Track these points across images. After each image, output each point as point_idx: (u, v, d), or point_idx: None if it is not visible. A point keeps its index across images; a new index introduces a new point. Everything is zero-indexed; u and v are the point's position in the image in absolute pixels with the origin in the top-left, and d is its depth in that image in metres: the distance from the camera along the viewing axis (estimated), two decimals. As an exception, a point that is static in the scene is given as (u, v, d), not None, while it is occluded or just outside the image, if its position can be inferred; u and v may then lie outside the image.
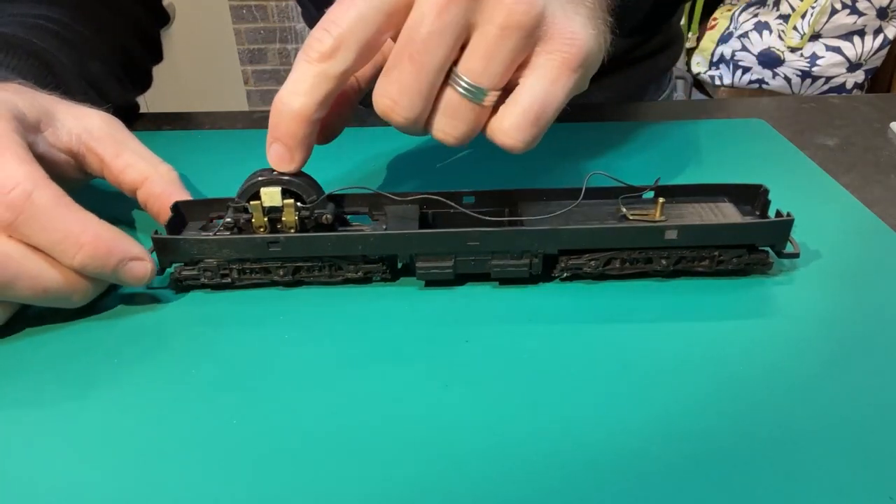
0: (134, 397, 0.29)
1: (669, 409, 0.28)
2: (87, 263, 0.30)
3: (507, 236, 0.33)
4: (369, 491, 0.24)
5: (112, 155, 0.37)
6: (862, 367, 0.30)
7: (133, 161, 0.37)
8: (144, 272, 0.32)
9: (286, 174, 0.33)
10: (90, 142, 0.36)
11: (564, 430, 0.27)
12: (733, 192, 0.36)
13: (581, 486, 0.24)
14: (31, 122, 0.34)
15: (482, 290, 0.35)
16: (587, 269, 0.34)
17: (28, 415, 0.28)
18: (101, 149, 0.36)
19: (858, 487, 0.24)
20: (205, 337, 0.32)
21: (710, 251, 0.34)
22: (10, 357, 0.31)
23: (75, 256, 0.30)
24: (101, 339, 0.32)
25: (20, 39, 0.43)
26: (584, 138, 0.52)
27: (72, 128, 0.36)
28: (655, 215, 0.34)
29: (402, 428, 0.27)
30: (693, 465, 0.25)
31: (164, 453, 0.26)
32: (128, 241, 0.32)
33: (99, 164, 0.37)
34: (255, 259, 0.34)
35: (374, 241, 0.33)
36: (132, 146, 0.37)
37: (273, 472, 0.25)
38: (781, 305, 0.33)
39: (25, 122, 0.33)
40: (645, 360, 0.30)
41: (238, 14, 2.16)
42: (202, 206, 0.35)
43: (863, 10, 1.54)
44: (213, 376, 0.30)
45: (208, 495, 0.24)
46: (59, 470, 0.25)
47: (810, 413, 0.27)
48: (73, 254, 0.30)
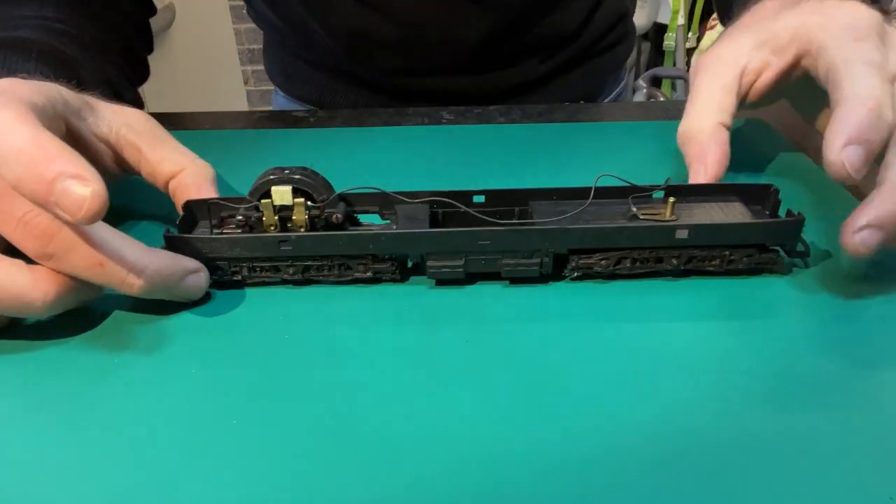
0: (136, 395, 0.29)
1: (678, 409, 0.28)
2: (21, 176, 0.27)
3: (518, 235, 0.33)
4: (370, 489, 0.24)
5: (150, 147, 0.37)
6: (868, 367, 0.30)
7: (169, 154, 0.37)
8: (82, 197, 0.27)
9: (297, 173, 0.33)
10: (129, 135, 0.37)
11: (571, 429, 0.27)
12: (743, 191, 0.36)
13: (588, 485, 0.24)
14: (75, 107, 0.35)
15: (492, 289, 0.35)
16: (598, 268, 0.34)
17: (28, 415, 0.28)
18: (139, 141, 0.37)
19: (858, 487, 0.24)
20: (211, 334, 0.32)
21: (721, 251, 0.34)
22: (9, 356, 0.31)
23: (12, 172, 0.27)
24: (103, 337, 0.32)
25: (44, 45, 0.42)
26: (588, 138, 0.52)
27: (111, 121, 0.37)
28: (666, 215, 0.34)
29: (409, 427, 0.27)
30: (698, 464, 0.25)
31: (164, 453, 0.26)
32: (72, 157, 0.27)
33: (137, 156, 0.37)
34: (266, 258, 0.34)
35: (385, 240, 0.33)
36: (170, 142, 0.38)
37: (274, 472, 0.25)
38: (791, 305, 0.33)
39: (69, 105, 0.34)
40: (655, 360, 0.30)
41: (238, 14, 2.16)
42: (212, 205, 0.35)
43: (862, 11, 1.54)
44: (218, 374, 0.30)
45: (208, 495, 0.24)
46: (59, 470, 0.25)
47: (813, 413, 0.27)
48: (12, 166, 0.27)
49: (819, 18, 0.37)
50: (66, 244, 0.29)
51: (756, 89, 0.40)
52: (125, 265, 0.29)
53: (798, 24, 0.38)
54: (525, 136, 0.52)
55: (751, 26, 0.42)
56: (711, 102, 0.39)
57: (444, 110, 0.57)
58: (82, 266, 0.29)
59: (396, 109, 0.57)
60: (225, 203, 0.34)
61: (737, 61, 0.40)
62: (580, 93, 0.68)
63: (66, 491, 0.25)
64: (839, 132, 0.31)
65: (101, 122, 0.36)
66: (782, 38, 0.39)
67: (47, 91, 0.33)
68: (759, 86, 0.40)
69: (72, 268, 0.29)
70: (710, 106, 0.39)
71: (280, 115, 0.57)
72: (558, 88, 0.67)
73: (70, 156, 0.27)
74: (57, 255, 0.29)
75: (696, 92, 0.40)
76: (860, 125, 0.30)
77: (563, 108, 0.58)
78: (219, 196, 0.36)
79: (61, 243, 0.28)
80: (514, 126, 0.54)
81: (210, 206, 0.35)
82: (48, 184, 0.26)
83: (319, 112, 0.57)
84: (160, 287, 0.31)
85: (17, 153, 0.27)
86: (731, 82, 0.39)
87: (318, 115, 0.57)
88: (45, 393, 0.29)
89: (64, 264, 0.29)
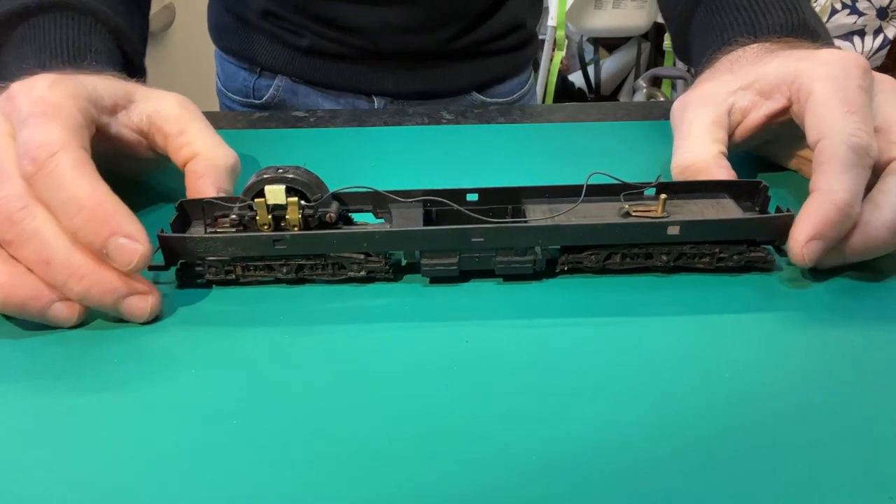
0: (133, 395, 0.29)
1: (668, 406, 0.28)
2: (81, 227, 0.30)
3: (512, 233, 0.33)
4: (369, 488, 0.25)
5: (176, 132, 0.39)
6: (862, 364, 0.30)
7: (193, 139, 0.38)
8: (133, 253, 0.30)
9: (291, 172, 0.33)
10: (158, 121, 0.39)
11: (564, 426, 0.27)
12: (734, 188, 0.36)
13: (580, 481, 0.25)
14: (107, 105, 0.37)
15: (486, 286, 0.35)
16: (587, 262, 0.35)
17: (27, 415, 0.28)
18: (167, 126, 0.39)
19: (858, 487, 0.24)
20: (207, 334, 0.32)
21: (711, 248, 0.34)
22: (9, 356, 0.31)
23: (73, 218, 0.30)
24: (101, 337, 0.32)
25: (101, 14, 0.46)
26: (582, 137, 0.52)
27: (144, 108, 0.39)
28: (658, 212, 0.34)
29: (405, 426, 0.27)
30: (691, 461, 0.25)
31: (163, 452, 0.26)
32: (126, 217, 0.31)
33: (164, 140, 0.39)
34: (260, 257, 0.34)
35: (379, 238, 0.33)
36: (198, 126, 0.39)
37: (273, 472, 0.25)
38: (781, 301, 0.34)
39: (101, 104, 0.36)
40: (649, 356, 0.30)
41: (239, 15, 2.16)
42: (206, 205, 0.36)
43: (863, 10, 1.54)
44: (214, 374, 0.30)
45: (208, 495, 0.24)
46: (58, 470, 0.26)
47: (810, 411, 0.27)
48: (73, 215, 0.30)
49: (810, 67, 0.37)
50: (23, 236, 0.30)
51: (743, 129, 0.41)
52: (68, 269, 0.30)
53: (786, 70, 0.38)
54: (525, 136, 0.52)
55: (733, 69, 0.42)
56: (708, 134, 0.39)
57: (444, 110, 0.57)
58: (31, 259, 0.31)
59: (397, 109, 0.57)
60: (219, 202, 0.35)
61: (725, 99, 0.40)
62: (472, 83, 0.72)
63: (64, 490, 0.25)
64: (805, 227, 0.33)
65: (134, 113, 0.39)
66: (770, 80, 0.39)
67: (85, 95, 0.35)
68: (746, 126, 0.40)
69: (22, 258, 0.31)
70: (707, 137, 0.39)
71: (279, 115, 0.57)
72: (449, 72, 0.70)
73: (124, 216, 0.31)
74: (14, 243, 0.31)
75: (689, 126, 0.40)
76: (826, 223, 0.32)
77: (562, 108, 0.58)
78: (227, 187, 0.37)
79: (19, 233, 0.30)
80: (513, 126, 0.54)
81: (204, 205, 0.35)
82: (103, 239, 0.30)
83: (319, 112, 0.57)
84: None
85: (78, 207, 0.30)
86: (722, 117, 0.40)
87: (318, 115, 0.57)
88: (42, 393, 0.29)
89: (16, 252, 0.31)
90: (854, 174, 0.32)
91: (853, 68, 0.36)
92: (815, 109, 0.35)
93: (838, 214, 0.32)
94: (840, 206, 0.32)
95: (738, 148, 0.42)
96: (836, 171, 0.32)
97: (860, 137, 0.33)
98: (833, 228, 0.32)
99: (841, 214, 0.32)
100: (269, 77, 0.72)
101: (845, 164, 0.32)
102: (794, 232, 0.33)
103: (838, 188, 0.32)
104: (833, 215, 0.32)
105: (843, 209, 0.32)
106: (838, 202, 0.32)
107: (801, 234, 0.32)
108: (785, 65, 0.39)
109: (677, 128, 0.41)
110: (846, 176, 0.32)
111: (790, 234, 0.33)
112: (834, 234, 0.32)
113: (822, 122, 0.34)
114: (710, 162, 0.38)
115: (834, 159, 0.33)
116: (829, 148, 0.33)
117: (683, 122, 0.40)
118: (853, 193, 0.32)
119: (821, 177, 0.33)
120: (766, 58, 0.41)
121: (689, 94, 0.42)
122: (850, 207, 0.32)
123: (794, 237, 0.33)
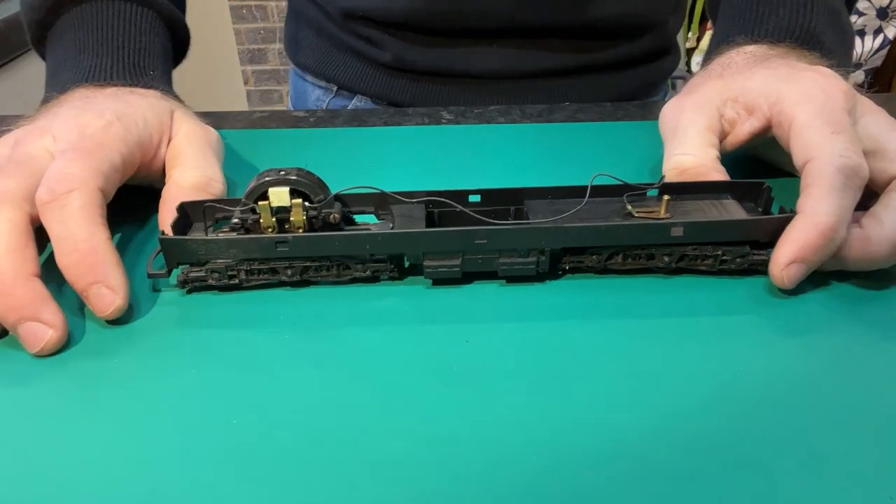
0: (137, 398, 0.29)
1: (670, 408, 0.28)
2: (70, 267, 0.32)
3: (515, 234, 0.33)
4: (370, 488, 0.25)
5: (171, 165, 0.40)
6: (862, 367, 0.30)
7: (174, 173, 0.39)
8: (109, 305, 0.32)
9: (293, 174, 0.33)
10: (170, 152, 0.40)
11: (565, 428, 0.27)
12: (737, 189, 0.36)
13: (581, 482, 0.25)
14: (154, 144, 0.39)
15: (489, 288, 0.35)
16: (589, 263, 0.35)
17: (27, 415, 0.28)
18: (168, 157, 0.40)
19: (858, 487, 0.24)
20: (210, 338, 0.32)
21: (714, 250, 0.34)
22: (9, 358, 0.31)
23: (66, 256, 0.32)
24: (103, 340, 0.32)
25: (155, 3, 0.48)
26: (582, 137, 0.52)
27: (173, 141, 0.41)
28: (661, 213, 0.34)
29: (407, 427, 0.27)
30: (693, 463, 0.25)
31: (165, 453, 0.26)
32: (113, 269, 0.32)
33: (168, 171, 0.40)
34: (263, 259, 0.34)
35: (382, 240, 0.33)
36: (188, 161, 0.40)
37: (274, 472, 0.25)
38: (783, 303, 0.34)
39: (147, 145, 0.39)
40: (651, 358, 0.30)
41: (238, 14, 2.16)
42: (207, 208, 0.35)
43: (863, 10, 1.54)
44: (217, 377, 0.30)
45: (208, 496, 0.24)
46: (57, 470, 0.26)
47: (811, 412, 0.27)
48: (67, 253, 0.32)
49: (791, 91, 0.37)
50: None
51: (730, 141, 0.41)
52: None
53: (769, 90, 0.38)
54: (525, 136, 0.52)
55: (723, 76, 0.42)
56: (704, 138, 0.39)
57: (443, 110, 0.57)
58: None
59: (396, 109, 0.57)
60: (220, 206, 0.35)
61: (717, 107, 0.40)
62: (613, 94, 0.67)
63: (63, 491, 0.25)
64: (787, 250, 0.33)
65: (168, 145, 0.41)
66: (752, 96, 0.39)
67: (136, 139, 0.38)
68: (731, 139, 0.41)
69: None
70: (704, 141, 0.39)
71: (280, 115, 0.57)
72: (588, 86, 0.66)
73: (111, 267, 0.32)
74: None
75: (685, 129, 0.40)
76: (807, 248, 0.32)
77: (562, 108, 0.58)
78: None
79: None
80: (513, 126, 0.54)
81: (205, 208, 0.35)
82: (86, 284, 0.32)
83: (319, 112, 0.57)
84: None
85: (72, 247, 0.32)
86: (715, 124, 0.40)
87: (318, 115, 0.57)
88: (42, 394, 0.29)
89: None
90: (840, 196, 0.32)
91: (835, 92, 0.36)
92: (801, 133, 0.35)
93: (821, 239, 0.32)
94: (823, 230, 0.32)
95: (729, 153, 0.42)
96: (822, 193, 0.32)
97: (848, 157, 0.33)
98: (815, 253, 0.32)
99: (824, 239, 0.32)
100: (345, 97, 0.70)
101: (831, 187, 0.32)
102: (776, 255, 0.33)
103: (822, 211, 0.32)
104: (815, 240, 0.32)
105: (826, 234, 0.32)
106: (821, 226, 0.32)
107: (782, 256, 0.32)
108: (768, 84, 0.39)
109: (671, 130, 0.41)
110: (832, 199, 0.32)
111: (772, 256, 0.33)
112: (816, 259, 0.32)
113: (808, 144, 0.34)
114: (710, 166, 0.38)
115: (820, 181, 0.33)
116: (815, 169, 0.33)
117: (679, 125, 0.40)
118: (838, 217, 0.32)
119: (806, 199, 0.33)
120: (754, 67, 0.41)
121: (682, 99, 0.42)
122: (834, 232, 0.32)
123: (776, 260, 0.33)
